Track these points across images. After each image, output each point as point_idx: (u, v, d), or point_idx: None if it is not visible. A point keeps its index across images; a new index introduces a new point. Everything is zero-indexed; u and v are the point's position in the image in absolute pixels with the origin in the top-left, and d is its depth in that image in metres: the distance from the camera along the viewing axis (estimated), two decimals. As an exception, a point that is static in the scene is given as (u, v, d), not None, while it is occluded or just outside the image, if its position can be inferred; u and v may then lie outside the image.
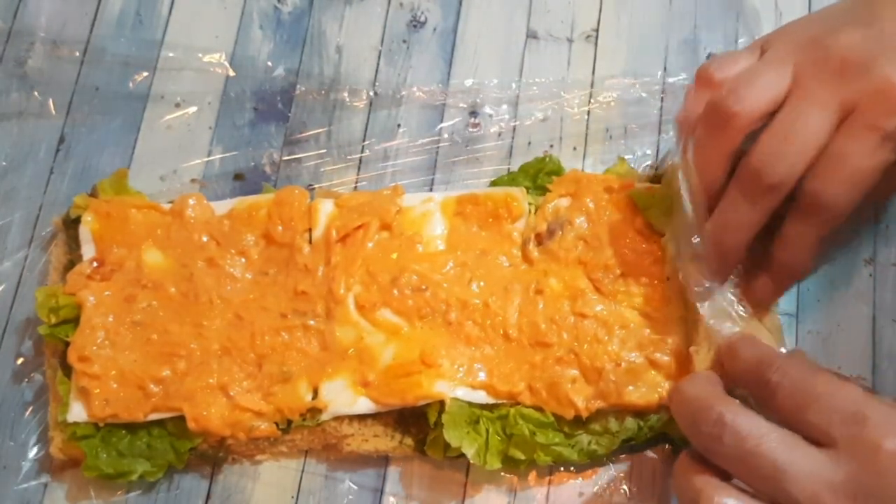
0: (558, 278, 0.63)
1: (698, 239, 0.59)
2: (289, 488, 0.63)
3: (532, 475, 0.63)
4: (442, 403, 0.60)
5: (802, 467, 0.47)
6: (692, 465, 0.52)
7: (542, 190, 0.67)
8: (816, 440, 0.48)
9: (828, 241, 0.60)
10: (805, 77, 0.56)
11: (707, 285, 0.60)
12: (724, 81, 0.58)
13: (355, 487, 0.63)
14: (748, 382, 0.54)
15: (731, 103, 0.55)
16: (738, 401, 0.52)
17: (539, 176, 0.67)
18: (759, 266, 0.60)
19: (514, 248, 0.65)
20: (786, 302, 0.66)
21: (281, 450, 0.63)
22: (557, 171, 0.67)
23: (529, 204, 0.66)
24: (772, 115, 0.56)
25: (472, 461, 0.60)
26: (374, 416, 0.62)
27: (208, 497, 0.63)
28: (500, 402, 0.61)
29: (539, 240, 0.65)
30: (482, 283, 0.64)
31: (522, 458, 0.60)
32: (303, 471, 0.64)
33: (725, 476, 0.51)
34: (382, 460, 0.63)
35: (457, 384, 0.61)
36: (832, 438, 0.48)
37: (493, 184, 0.68)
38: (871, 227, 0.67)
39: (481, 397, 0.61)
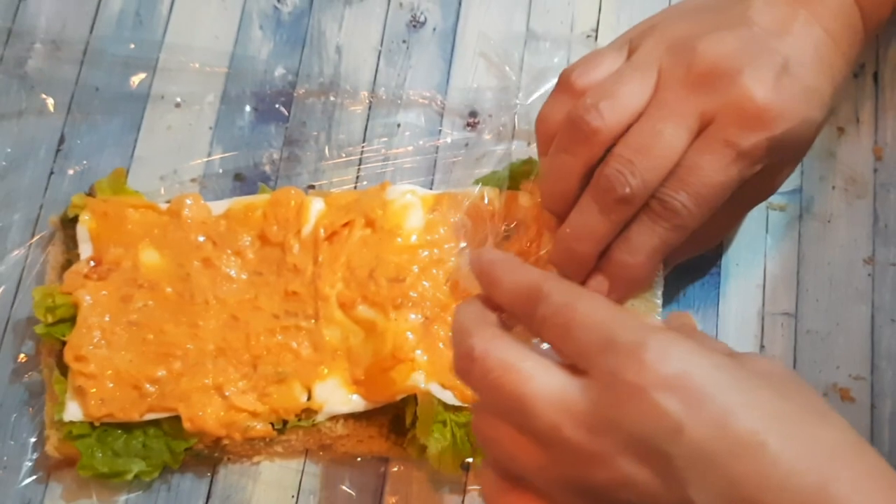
0: None
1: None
2: (289, 488, 0.63)
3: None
4: (416, 399, 0.60)
5: (548, 398, 0.42)
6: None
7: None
8: (576, 371, 0.44)
9: (676, 256, 0.59)
10: (667, 84, 0.54)
11: None
12: (586, 89, 0.56)
13: (355, 488, 0.63)
14: (519, 317, 0.47)
15: (591, 118, 0.53)
16: (495, 328, 0.45)
17: (528, 177, 0.66)
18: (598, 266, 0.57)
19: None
20: (785, 301, 0.66)
21: (276, 450, 0.63)
22: None
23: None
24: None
25: (435, 464, 0.60)
26: (368, 418, 0.62)
27: (209, 497, 0.63)
28: (466, 405, 0.60)
29: (496, 239, 0.64)
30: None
31: None
32: (303, 471, 0.63)
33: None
34: (382, 462, 0.63)
35: (430, 379, 0.60)
36: (585, 367, 0.43)
37: (476, 183, 0.67)
38: (869, 227, 0.67)
39: (450, 397, 0.61)
